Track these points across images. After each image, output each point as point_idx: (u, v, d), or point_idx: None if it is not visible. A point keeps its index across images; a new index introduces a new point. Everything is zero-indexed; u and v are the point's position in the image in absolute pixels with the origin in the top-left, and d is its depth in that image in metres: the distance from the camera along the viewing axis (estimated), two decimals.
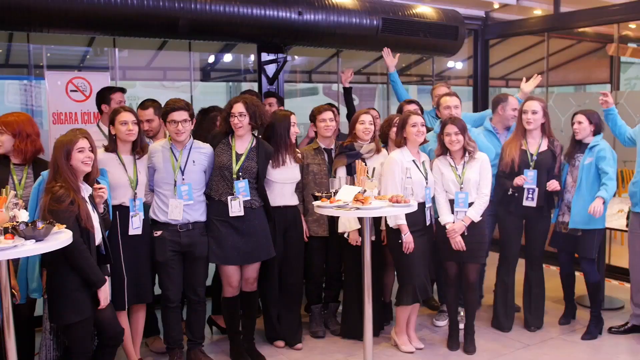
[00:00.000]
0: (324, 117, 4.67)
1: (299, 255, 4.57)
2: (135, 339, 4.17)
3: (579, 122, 4.66)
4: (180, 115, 3.93)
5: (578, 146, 4.71)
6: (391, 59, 5.62)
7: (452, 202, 4.35)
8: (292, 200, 4.47)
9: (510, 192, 4.64)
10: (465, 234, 4.32)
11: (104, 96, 4.66)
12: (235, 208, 4.05)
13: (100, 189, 3.47)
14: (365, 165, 3.97)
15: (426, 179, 4.31)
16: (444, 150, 4.38)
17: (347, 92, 5.67)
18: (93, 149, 3.39)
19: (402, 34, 6.04)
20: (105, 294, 3.34)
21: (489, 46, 7.92)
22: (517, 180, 4.53)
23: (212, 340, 4.83)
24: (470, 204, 4.32)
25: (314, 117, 4.72)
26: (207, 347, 4.57)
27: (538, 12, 7.73)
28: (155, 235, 4.01)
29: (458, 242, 4.30)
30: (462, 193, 4.31)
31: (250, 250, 4.14)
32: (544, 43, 7.37)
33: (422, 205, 4.24)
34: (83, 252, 3.19)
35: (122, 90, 4.79)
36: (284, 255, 4.47)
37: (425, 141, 4.36)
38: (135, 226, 3.93)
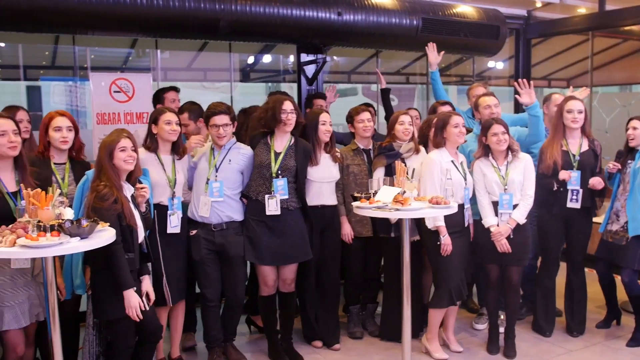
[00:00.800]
0: (362, 117, 4.66)
1: (336, 256, 4.55)
2: (174, 337, 4.23)
3: (634, 128, 4.54)
4: (221, 119, 3.98)
5: (631, 153, 4.58)
6: (435, 55, 5.51)
7: (494, 203, 4.29)
8: (330, 200, 4.46)
9: (555, 188, 4.52)
10: (511, 236, 4.25)
11: (157, 97, 4.80)
12: (272, 206, 4.06)
13: (142, 188, 3.52)
14: (405, 165, 3.94)
15: (465, 179, 4.26)
16: (485, 151, 4.31)
17: (385, 93, 5.63)
18: (135, 149, 3.45)
19: (442, 33, 5.99)
20: (130, 298, 3.28)
21: (531, 45, 7.79)
22: (563, 175, 4.43)
23: (250, 339, 4.85)
24: (515, 206, 4.25)
25: (351, 117, 4.70)
26: (245, 345, 4.62)
27: (582, 11, 7.59)
28: (190, 234, 4.05)
29: (504, 245, 4.23)
30: (507, 194, 4.24)
31: (285, 252, 4.14)
32: (588, 42, 7.22)
33: (461, 207, 4.18)
34: (118, 251, 3.23)
35: (175, 89, 4.88)
36: (321, 255, 4.46)
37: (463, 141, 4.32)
38: (174, 225, 3.98)
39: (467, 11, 6.26)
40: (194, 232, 4.04)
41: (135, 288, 3.25)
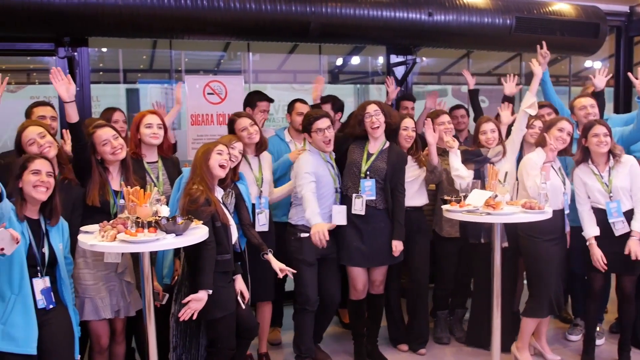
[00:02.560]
0: (442, 120, 4.58)
1: (424, 259, 4.49)
2: (262, 333, 4.30)
3: None
4: (324, 122, 4.02)
5: None
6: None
7: (596, 211, 4.10)
8: (417, 201, 4.41)
9: None
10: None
11: (251, 99, 4.90)
12: (358, 206, 4.05)
13: None
14: (496, 169, 3.84)
15: (564, 184, 4.09)
16: (585, 156, 4.12)
17: (474, 94, 5.50)
18: (231, 157, 3.60)
19: (537, 32, 5.77)
20: (202, 298, 3.30)
21: (633, 44, 7.38)
22: None
23: (334, 337, 4.86)
24: (625, 212, 4.03)
25: (432, 121, 4.61)
26: (330, 346, 4.64)
27: None
28: (302, 236, 4.06)
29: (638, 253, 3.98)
30: (614, 202, 4.02)
31: (375, 253, 4.11)
32: None
33: (560, 212, 4.03)
34: (210, 251, 3.32)
35: (269, 100, 4.97)
36: (409, 258, 4.41)
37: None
38: (262, 223, 4.07)
39: (564, 8, 6.01)
40: (306, 235, 4.03)
41: (211, 292, 3.30)
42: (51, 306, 2.98)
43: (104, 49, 6.70)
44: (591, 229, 4.08)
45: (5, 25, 4.48)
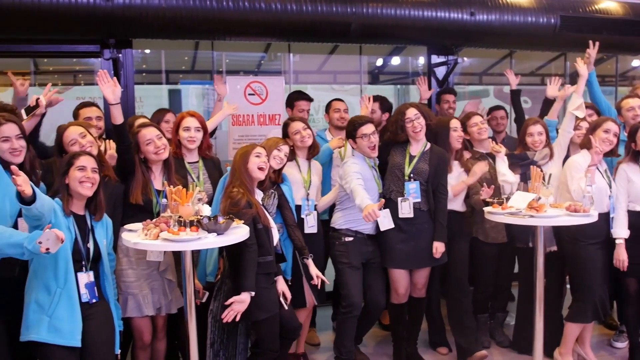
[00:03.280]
0: (474, 121, 4.51)
1: (464, 262, 4.42)
2: (301, 335, 4.31)
3: None
4: (369, 128, 4.02)
5: None
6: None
7: (631, 214, 4.00)
8: (458, 206, 4.35)
9: None
10: None
11: (290, 100, 4.97)
12: (405, 209, 4.03)
13: None
14: (542, 171, 3.76)
15: (610, 187, 3.99)
16: (634, 158, 4.02)
17: (515, 94, 5.41)
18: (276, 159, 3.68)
19: (583, 31, 5.64)
20: (244, 300, 3.31)
21: None
22: None
23: (373, 338, 4.85)
24: None
25: (463, 124, 4.54)
26: (369, 348, 4.63)
27: None
28: (347, 240, 4.06)
29: None
30: None
31: (418, 255, 4.08)
32: None
33: (605, 216, 3.93)
34: (252, 253, 3.34)
35: (308, 99, 5.00)
36: (449, 261, 4.36)
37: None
38: (310, 225, 4.08)
39: (611, 6, 5.87)
40: (350, 239, 4.05)
41: (253, 293, 3.32)
42: (94, 300, 3.04)
43: (147, 51, 6.81)
44: (622, 230, 4.00)
45: (53, 28, 4.60)
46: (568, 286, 4.51)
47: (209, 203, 3.60)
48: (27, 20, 4.42)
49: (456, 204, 4.32)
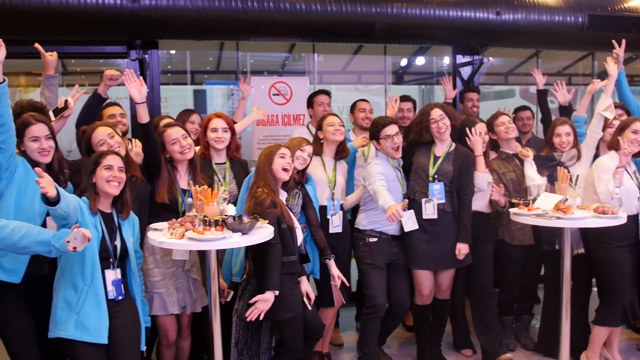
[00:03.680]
0: (501, 120, 4.46)
1: (489, 263, 4.38)
2: (325, 335, 4.30)
3: None
4: (392, 129, 4.01)
5: None
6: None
7: None
8: (484, 207, 4.30)
9: None
10: None
11: (309, 99, 4.97)
12: (429, 210, 4.01)
13: None
14: (569, 172, 3.72)
15: (639, 188, 3.93)
16: None
17: (542, 94, 5.35)
18: (300, 159, 3.68)
19: (611, 30, 5.56)
20: (269, 299, 3.31)
21: None
22: None
23: (395, 336, 4.83)
24: None
25: (490, 125, 4.50)
26: (393, 349, 4.62)
27: None
28: (371, 241, 4.05)
29: None
30: None
31: (443, 256, 4.05)
32: None
33: (634, 218, 3.87)
34: (276, 252, 3.34)
35: (326, 93, 5.01)
36: (473, 262, 4.32)
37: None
38: (335, 225, 4.09)
39: None
40: (375, 240, 4.05)
41: (277, 293, 3.32)
42: (120, 297, 3.07)
43: (172, 52, 6.87)
44: None
45: (81, 29, 4.67)
46: (595, 289, 4.45)
47: (234, 204, 3.62)
48: (55, 22, 4.50)
49: (481, 206, 4.28)
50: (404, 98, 5.15)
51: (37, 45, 3.89)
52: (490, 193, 4.19)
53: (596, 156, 4.25)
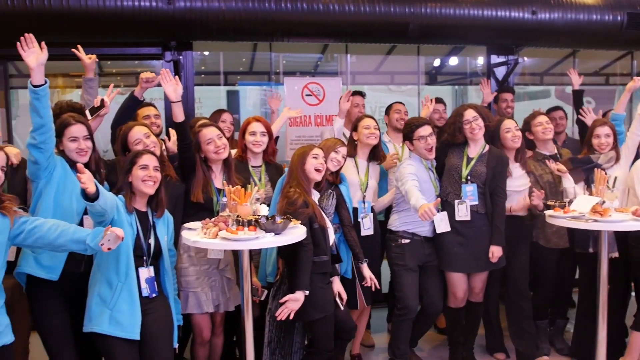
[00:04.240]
0: (539, 120, 4.37)
1: (525, 267, 4.31)
2: (356, 336, 4.30)
3: None
4: (426, 129, 3.99)
5: None
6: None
7: None
8: (521, 210, 4.24)
9: None
10: None
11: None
12: (462, 212, 3.98)
13: None
14: (606, 174, 3.64)
15: None
16: None
17: (578, 95, 5.24)
18: (334, 161, 3.68)
19: None
20: (299, 299, 3.31)
21: None
22: None
23: (427, 338, 4.79)
24: None
25: (527, 124, 4.42)
26: (424, 351, 4.59)
27: None
28: (404, 242, 4.04)
29: None
30: None
31: (476, 259, 4.01)
32: None
33: None
34: (307, 252, 3.34)
35: (361, 94, 5.01)
36: (509, 265, 4.26)
37: None
38: (366, 227, 4.07)
39: None
40: (407, 241, 4.04)
41: (308, 293, 3.33)
42: (154, 295, 3.10)
43: (206, 53, 6.93)
44: None
45: (117, 31, 4.75)
46: (633, 293, 4.35)
47: (269, 205, 3.63)
48: (93, 24, 4.60)
49: (523, 210, 4.21)
50: (439, 100, 5.12)
51: (75, 49, 3.95)
52: (525, 195, 4.14)
53: (637, 158, 4.15)
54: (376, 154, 4.23)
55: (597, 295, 3.61)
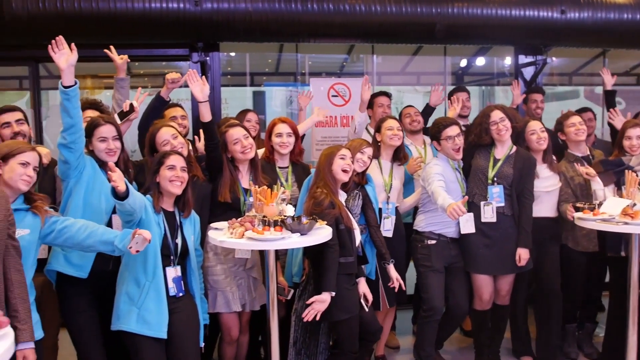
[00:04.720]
0: (572, 121, 4.30)
1: (555, 269, 4.25)
2: (382, 338, 4.29)
3: None
4: (454, 130, 3.97)
5: None
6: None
7: None
8: (550, 212, 4.19)
9: None
10: None
11: (370, 101, 4.90)
12: (488, 214, 3.94)
13: None
14: (637, 176, 3.58)
15: None
16: None
17: (610, 95, 5.14)
18: (359, 161, 3.68)
19: None
20: (325, 300, 3.31)
21: None
22: None
23: (452, 340, 4.77)
24: None
25: (560, 124, 4.36)
26: (450, 353, 4.55)
27: None
28: (430, 243, 4.02)
29: None
30: None
31: (502, 261, 3.97)
32: None
33: None
34: (333, 253, 3.34)
35: (386, 95, 4.99)
36: (538, 268, 4.21)
37: None
38: (387, 228, 4.06)
39: None
40: (433, 242, 4.02)
41: (334, 293, 3.33)
42: (180, 294, 3.13)
43: (232, 54, 6.97)
44: None
45: (145, 33, 4.80)
46: None
47: (295, 206, 3.64)
48: (121, 26, 4.65)
49: (547, 210, 4.17)
50: (459, 89, 5.08)
51: (108, 50, 4.01)
52: (556, 197, 4.09)
53: None
54: (400, 155, 4.22)
55: (627, 299, 3.55)
